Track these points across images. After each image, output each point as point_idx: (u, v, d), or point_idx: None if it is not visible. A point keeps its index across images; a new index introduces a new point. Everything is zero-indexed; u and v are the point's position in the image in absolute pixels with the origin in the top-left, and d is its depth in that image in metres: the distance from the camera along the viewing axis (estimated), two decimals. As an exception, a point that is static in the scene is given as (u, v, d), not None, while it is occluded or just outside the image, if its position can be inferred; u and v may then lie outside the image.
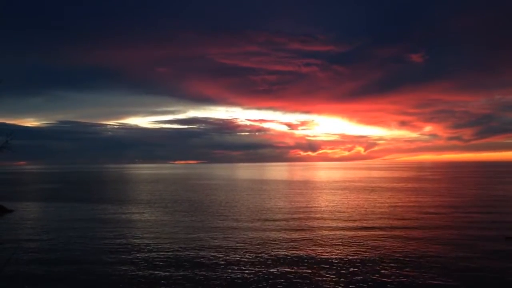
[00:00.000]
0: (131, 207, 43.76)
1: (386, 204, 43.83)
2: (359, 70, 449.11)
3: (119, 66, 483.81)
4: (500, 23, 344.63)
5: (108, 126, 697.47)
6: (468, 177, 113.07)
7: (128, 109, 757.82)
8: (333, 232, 27.86)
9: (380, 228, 29.19)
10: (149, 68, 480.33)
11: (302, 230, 28.97)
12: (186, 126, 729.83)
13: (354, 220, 33.01)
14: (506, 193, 57.26)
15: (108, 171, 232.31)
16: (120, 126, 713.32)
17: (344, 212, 38.16)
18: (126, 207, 43.75)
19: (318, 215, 36.23)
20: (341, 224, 31.18)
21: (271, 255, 21.69)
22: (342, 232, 27.79)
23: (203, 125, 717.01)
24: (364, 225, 30.79)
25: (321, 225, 31.12)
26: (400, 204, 44.30)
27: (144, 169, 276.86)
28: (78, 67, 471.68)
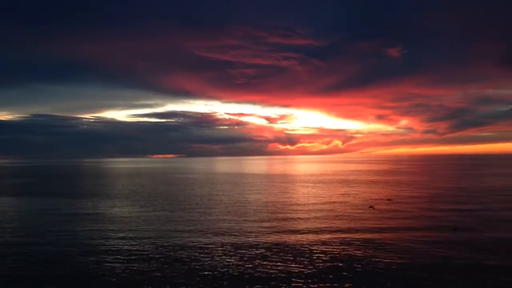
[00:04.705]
0: (106, 202, 43.61)
1: (358, 197, 44.91)
2: (337, 64, 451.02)
3: (95, 59, 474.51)
4: (475, 18, 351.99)
5: (84, 119, 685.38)
6: (441, 170, 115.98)
7: (104, 102, 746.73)
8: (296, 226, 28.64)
9: (341, 229, 30.04)
10: (127, 61, 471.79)
11: (274, 222, 29.63)
12: (164, 120, 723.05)
13: (320, 216, 33.82)
14: (473, 185, 59.14)
15: (84, 165, 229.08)
16: (96, 120, 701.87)
17: (312, 206, 38.98)
18: (101, 202, 43.58)
19: (290, 209, 36.94)
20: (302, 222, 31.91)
21: (243, 246, 22.21)
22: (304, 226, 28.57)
23: (182, 118, 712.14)
24: (327, 223, 31.59)
25: (291, 220, 31.82)
26: (369, 196, 45.43)
27: (121, 163, 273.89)
28: (53, 59, 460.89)
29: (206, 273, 17.72)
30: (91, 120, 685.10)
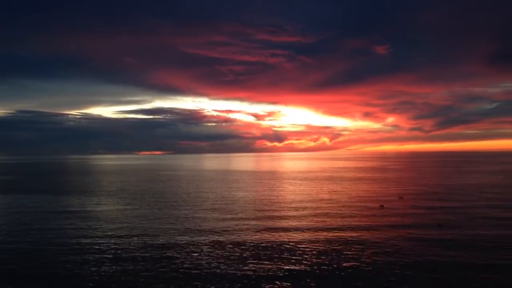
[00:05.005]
0: (92, 199, 43.20)
1: (345, 194, 45.16)
2: (325, 61, 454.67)
3: (83, 55, 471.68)
4: (460, 18, 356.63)
5: (70, 116, 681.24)
6: (427, 167, 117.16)
7: (91, 99, 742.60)
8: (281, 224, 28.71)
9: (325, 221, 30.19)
10: (114, 57, 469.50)
11: (261, 220, 29.64)
12: (151, 117, 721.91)
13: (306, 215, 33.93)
14: (458, 182, 59.86)
15: (70, 162, 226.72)
16: (83, 116, 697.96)
17: (299, 203, 39.12)
18: (87, 199, 43.16)
19: (277, 207, 37.00)
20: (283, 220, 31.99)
21: (230, 244, 22.18)
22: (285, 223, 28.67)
23: (169, 115, 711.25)
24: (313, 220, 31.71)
25: (278, 218, 31.87)
26: (357, 194, 45.73)
27: (108, 160, 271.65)
28: (40, 55, 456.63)
29: (193, 272, 17.65)
30: (77, 116, 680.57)
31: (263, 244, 22.10)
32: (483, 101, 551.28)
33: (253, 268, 17.93)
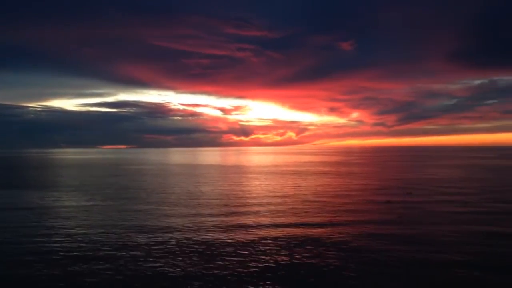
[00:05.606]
0: (52, 194, 41.82)
1: (309, 189, 45.60)
2: (292, 56, 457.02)
3: (43, 45, 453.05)
4: (423, 17, 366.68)
5: (30, 108, 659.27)
6: (389, 161, 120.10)
7: (51, 91, 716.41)
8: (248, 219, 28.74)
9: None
10: (76, 48, 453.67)
11: (224, 214, 29.52)
12: (115, 110, 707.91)
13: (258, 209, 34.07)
14: (419, 176, 61.58)
15: (29, 156, 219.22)
16: (43, 109, 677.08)
17: (263, 199, 39.26)
18: (45, 194, 41.73)
19: (242, 202, 36.96)
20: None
21: (194, 243, 21.95)
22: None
23: (134, 108, 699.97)
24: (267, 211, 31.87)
25: (242, 214, 31.83)
26: (325, 189, 46.25)
27: (69, 154, 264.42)
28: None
29: (157, 271, 17.34)
30: (38, 109, 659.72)
31: (229, 241, 21.98)
32: (443, 98, 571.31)
33: (218, 266, 17.79)
